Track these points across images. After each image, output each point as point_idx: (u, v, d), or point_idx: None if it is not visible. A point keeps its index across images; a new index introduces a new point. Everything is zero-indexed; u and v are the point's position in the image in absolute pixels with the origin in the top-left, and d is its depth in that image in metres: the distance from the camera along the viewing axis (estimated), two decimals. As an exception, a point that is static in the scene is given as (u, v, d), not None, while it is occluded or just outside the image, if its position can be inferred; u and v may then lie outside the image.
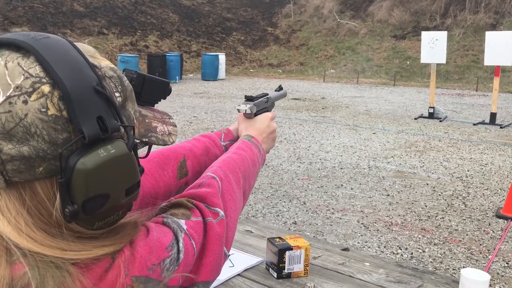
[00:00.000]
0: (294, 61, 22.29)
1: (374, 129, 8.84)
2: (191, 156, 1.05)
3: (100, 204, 0.58)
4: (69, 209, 0.56)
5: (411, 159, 6.59)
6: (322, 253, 1.62)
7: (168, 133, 0.76)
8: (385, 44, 21.16)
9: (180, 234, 0.68)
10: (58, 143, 0.56)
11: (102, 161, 0.56)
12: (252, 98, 1.16)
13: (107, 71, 0.63)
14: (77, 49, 0.61)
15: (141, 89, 0.80)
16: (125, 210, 0.63)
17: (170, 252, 0.65)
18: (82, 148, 0.57)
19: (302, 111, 10.91)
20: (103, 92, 0.59)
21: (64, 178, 0.56)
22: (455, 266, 3.41)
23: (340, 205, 4.69)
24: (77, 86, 0.57)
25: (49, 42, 0.59)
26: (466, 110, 11.36)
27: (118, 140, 0.59)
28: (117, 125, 0.59)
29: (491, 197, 4.99)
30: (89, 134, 0.56)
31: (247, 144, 1.03)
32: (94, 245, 0.59)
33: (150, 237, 0.64)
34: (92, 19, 20.59)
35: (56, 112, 0.56)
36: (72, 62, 0.58)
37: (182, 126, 8.71)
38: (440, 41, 9.64)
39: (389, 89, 15.99)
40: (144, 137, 0.72)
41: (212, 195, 0.79)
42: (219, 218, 0.76)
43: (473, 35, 19.44)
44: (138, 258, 0.61)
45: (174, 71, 16.72)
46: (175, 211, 0.73)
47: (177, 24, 23.46)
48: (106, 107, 0.59)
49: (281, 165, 6.14)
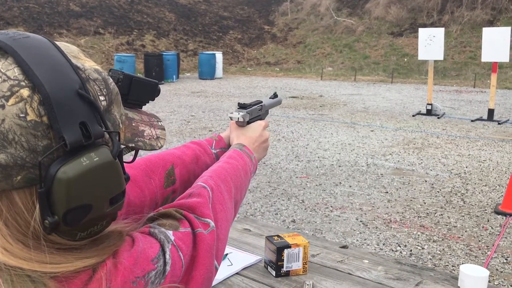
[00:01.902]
0: (291, 59, 22.28)
1: (372, 126, 8.84)
2: (179, 164, 1.01)
3: (82, 215, 0.55)
4: (49, 221, 0.53)
5: (409, 156, 6.59)
6: (320, 251, 1.61)
7: (156, 137, 0.73)
8: (382, 41, 21.17)
9: (167, 246, 0.65)
10: (37, 151, 0.53)
11: (84, 170, 0.54)
12: (245, 105, 1.13)
13: (91, 73, 0.60)
14: (59, 49, 0.58)
15: (128, 90, 0.77)
16: (109, 220, 0.61)
17: (155, 264, 0.62)
18: (64, 156, 0.53)
19: (299, 109, 10.90)
20: (86, 96, 0.56)
21: (44, 188, 0.53)
22: (454, 263, 3.41)
23: (338, 203, 4.68)
24: (58, 89, 0.53)
25: (29, 42, 0.56)
26: (464, 107, 11.37)
27: (102, 147, 0.56)
28: (101, 131, 0.56)
29: (489, 193, 4.99)
30: (71, 141, 0.53)
31: (239, 153, 1.00)
32: (75, 257, 0.56)
33: (135, 248, 0.61)
34: (88, 19, 20.54)
35: (35, 118, 0.52)
36: (54, 63, 0.55)
37: (179, 125, 8.69)
38: (437, 37, 9.63)
39: (387, 86, 15.99)
40: (130, 142, 0.68)
41: (202, 205, 0.76)
42: (209, 229, 0.73)
43: (470, 32, 19.46)
44: (121, 270, 0.58)
45: (171, 70, 16.70)
46: (163, 222, 0.70)
47: (174, 23, 23.43)
48: (89, 112, 0.56)
49: (279, 163, 6.13)
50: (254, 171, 1.04)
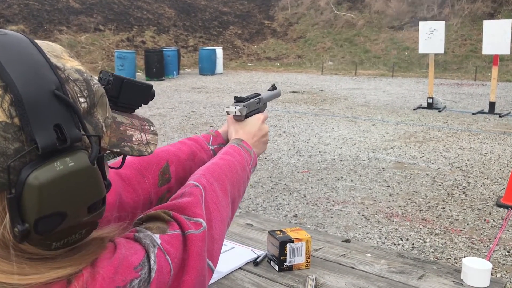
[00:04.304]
0: (291, 54, 22.24)
1: (373, 120, 8.83)
2: (175, 161, 0.98)
3: (55, 223, 0.51)
4: (19, 229, 0.49)
5: (410, 150, 6.59)
6: (323, 245, 1.61)
7: (146, 142, 0.69)
8: (383, 35, 21.12)
9: (153, 250, 0.61)
10: (8, 154, 0.49)
11: (58, 175, 0.50)
12: (243, 99, 1.09)
13: (71, 73, 0.57)
14: (38, 48, 0.55)
15: (118, 93, 0.72)
16: (89, 230, 0.57)
17: (139, 272, 0.58)
18: (36, 160, 0.50)
19: (300, 104, 10.89)
20: (63, 97, 0.52)
21: (14, 193, 0.49)
22: (456, 256, 3.42)
23: (340, 197, 4.69)
24: (32, 90, 0.50)
25: (4, 40, 0.53)
26: (465, 100, 11.35)
27: (79, 151, 0.53)
28: (79, 134, 0.53)
29: (491, 186, 4.99)
30: (43, 145, 0.50)
31: (235, 148, 0.96)
32: (48, 268, 0.53)
33: (116, 255, 0.57)
34: (88, 16, 20.51)
35: (6, 119, 0.49)
36: (29, 62, 0.52)
37: (180, 121, 8.69)
38: (438, 31, 9.60)
39: (388, 80, 15.96)
40: (115, 147, 0.64)
41: (194, 205, 0.72)
42: (201, 229, 0.69)
43: (471, 25, 19.40)
44: (99, 281, 0.54)
45: (172, 66, 16.69)
46: (150, 225, 0.66)
47: (174, 19, 23.38)
48: (66, 114, 0.52)
49: (280, 158, 6.13)
50: (254, 166, 1.01)
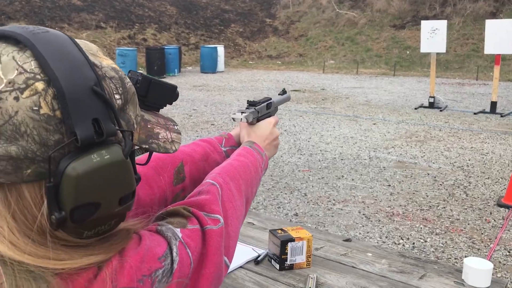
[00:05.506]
0: (293, 53, 22.22)
1: (374, 119, 8.82)
2: (189, 161, 1.01)
3: (90, 213, 0.55)
4: (56, 216, 0.52)
5: (411, 149, 6.58)
6: (324, 244, 1.61)
7: (171, 140, 0.72)
8: (385, 34, 21.08)
9: (174, 243, 0.64)
10: (49, 145, 0.53)
11: (94, 167, 0.53)
12: (255, 103, 1.12)
13: (108, 71, 0.60)
14: (77, 46, 0.58)
15: (146, 92, 0.76)
16: (118, 220, 0.60)
17: (163, 262, 0.61)
18: (75, 151, 0.53)
19: (302, 102, 10.88)
20: (101, 93, 0.55)
21: (52, 182, 0.52)
22: (457, 255, 3.42)
23: (341, 196, 4.69)
24: (73, 85, 0.53)
25: (47, 37, 0.56)
26: (467, 99, 11.33)
27: (114, 145, 0.56)
28: (114, 129, 0.56)
29: (492, 186, 4.99)
30: (82, 137, 0.52)
31: (248, 150, 0.99)
32: (80, 254, 0.56)
33: (142, 246, 0.60)
34: (89, 13, 20.49)
35: (48, 112, 0.52)
36: (71, 59, 0.55)
37: (181, 119, 8.69)
38: (440, 30, 9.59)
39: (389, 79, 15.95)
40: (144, 143, 0.67)
41: (211, 202, 0.76)
42: (219, 225, 0.72)
43: (473, 24, 19.36)
44: (127, 269, 0.57)
45: (173, 64, 16.67)
46: (171, 220, 0.69)
47: (175, 16, 23.36)
48: (103, 109, 0.55)
49: (281, 157, 6.13)
50: (266, 168, 1.04)
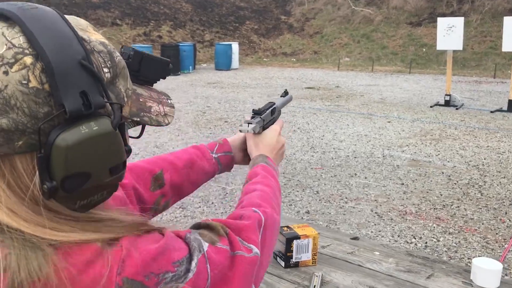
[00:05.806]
0: (308, 50, 22.12)
1: (389, 117, 8.74)
2: (170, 169, 1.01)
3: (80, 182, 0.56)
4: (48, 186, 0.54)
5: (426, 147, 6.51)
6: (331, 242, 1.60)
7: (164, 114, 0.73)
8: (401, 31, 20.87)
9: (197, 254, 0.63)
10: (38, 117, 0.54)
11: (83, 138, 0.55)
12: (260, 111, 1.09)
13: (96, 45, 0.61)
14: (66, 21, 0.59)
15: (138, 67, 0.78)
16: (110, 191, 0.62)
17: (176, 267, 0.60)
18: (64, 123, 0.55)
19: (316, 100, 10.83)
20: (89, 67, 0.57)
21: (43, 153, 0.54)
22: (470, 255, 3.37)
23: (353, 194, 4.65)
24: (61, 59, 0.55)
25: (36, 13, 0.58)
26: (483, 98, 11.17)
27: (102, 117, 0.57)
28: (102, 101, 0.57)
29: (508, 185, 4.91)
30: (70, 109, 0.54)
31: (269, 171, 0.97)
32: (72, 228, 0.57)
33: (160, 245, 0.60)
34: (106, 10, 20.67)
35: (37, 85, 0.54)
36: (58, 34, 0.57)
37: (195, 116, 8.72)
38: (456, 27, 9.46)
39: (405, 77, 15.79)
40: (135, 116, 0.68)
41: (250, 230, 0.74)
42: (252, 254, 0.71)
43: (491, 21, 19.05)
44: (136, 261, 0.57)
45: (188, 61, 16.73)
46: (204, 232, 0.69)
47: (190, 13, 23.43)
48: (91, 83, 0.57)
49: (294, 154, 6.11)
50: None
